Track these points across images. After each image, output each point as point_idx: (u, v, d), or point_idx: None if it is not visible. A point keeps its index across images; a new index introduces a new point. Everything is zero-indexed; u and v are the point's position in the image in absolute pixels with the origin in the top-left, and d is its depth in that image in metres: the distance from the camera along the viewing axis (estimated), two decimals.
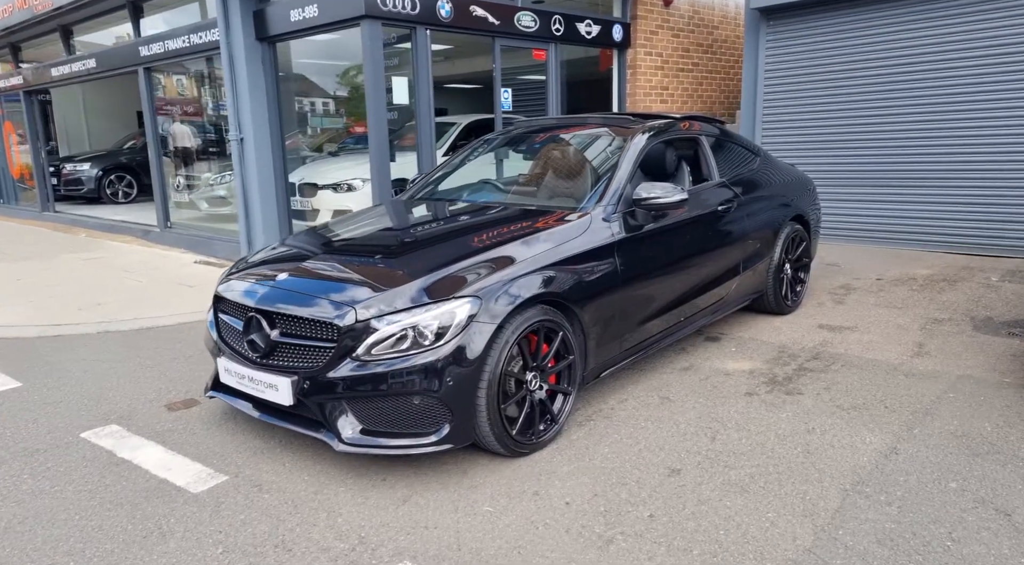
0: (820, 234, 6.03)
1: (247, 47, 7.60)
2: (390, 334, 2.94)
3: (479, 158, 4.87)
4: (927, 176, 7.54)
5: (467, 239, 3.53)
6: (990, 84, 7.05)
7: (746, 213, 4.82)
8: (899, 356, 4.51)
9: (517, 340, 3.13)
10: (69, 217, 12.88)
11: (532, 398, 3.29)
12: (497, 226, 3.73)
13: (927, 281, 6.36)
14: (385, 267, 3.33)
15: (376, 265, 3.37)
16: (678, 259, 4.20)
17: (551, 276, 3.35)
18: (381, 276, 3.20)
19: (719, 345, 4.82)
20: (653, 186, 3.90)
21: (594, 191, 3.98)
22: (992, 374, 4.17)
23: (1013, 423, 3.50)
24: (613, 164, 4.10)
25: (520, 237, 3.48)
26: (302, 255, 3.64)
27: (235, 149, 7.86)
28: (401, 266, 3.29)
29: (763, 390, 4.01)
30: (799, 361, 4.47)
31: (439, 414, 2.95)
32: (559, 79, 8.47)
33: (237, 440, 3.50)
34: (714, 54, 10.50)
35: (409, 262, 3.33)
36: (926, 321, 5.23)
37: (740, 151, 5.31)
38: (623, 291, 3.75)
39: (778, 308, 5.36)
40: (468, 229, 3.84)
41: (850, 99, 7.87)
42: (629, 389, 4.08)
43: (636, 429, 3.56)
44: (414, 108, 7.15)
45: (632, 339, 3.93)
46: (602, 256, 3.65)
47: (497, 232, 3.59)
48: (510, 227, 3.67)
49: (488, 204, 4.22)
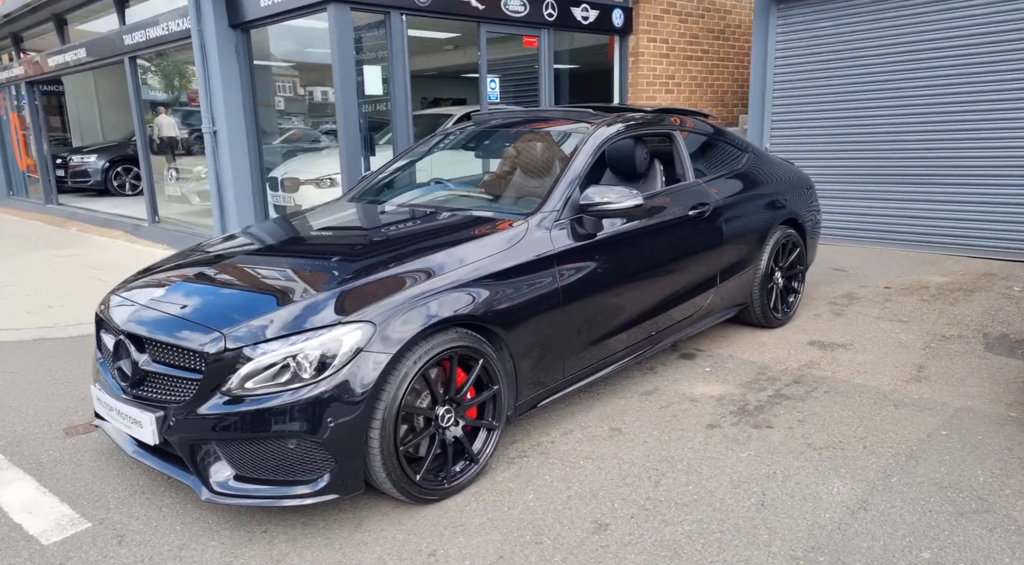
0: (819, 238, 5.48)
1: (219, 34, 7.25)
2: (267, 365, 2.54)
3: (432, 155, 4.43)
4: (950, 172, 6.92)
5: (380, 251, 3.10)
6: (1020, 72, 6.40)
7: (726, 217, 4.33)
8: (893, 381, 3.99)
9: (422, 371, 2.71)
10: (69, 210, 12.75)
11: (444, 436, 2.87)
12: (421, 236, 3.31)
13: (941, 290, 5.79)
14: (278, 283, 2.92)
15: (268, 281, 2.96)
16: (639, 271, 3.73)
17: (470, 295, 2.92)
18: (267, 295, 2.79)
19: (693, 364, 4.35)
20: (604, 190, 3.44)
21: (533, 198, 3.53)
22: (997, 406, 3.64)
23: (1011, 471, 2.99)
24: (562, 165, 3.64)
25: (441, 249, 3.05)
26: (205, 262, 3.26)
27: (208, 142, 7.53)
28: (295, 283, 2.88)
29: (728, 421, 3.54)
30: (777, 385, 3.98)
31: (319, 460, 2.54)
32: (551, 68, 7.98)
33: (122, 476, 3.13)
34: (726, 40, 9.90)
35: (307, 278, 2.92)
36: (932, 338, 4.69)
37: (724, 148, 4.80)
38: (566, 310, 3.31)
39: (765, 321, 4.85)
40: (386, 239, 3.41)
41: (867, 89, 7.26)
42: (579, 418, 3.64)
43: (573, 469, 3.12)
44: (389, 99, 6.73)
45: (579, 363, 3.48)
46: (538, 270, 3.21)
47: (418, 243, 3.16)
48: (435, 237, 3.24)
49: (423, 209, 3.78)
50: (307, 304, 2.67)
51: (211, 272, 3.13)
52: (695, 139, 4.61)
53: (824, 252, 7.25)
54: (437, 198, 3.95)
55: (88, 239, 9.85)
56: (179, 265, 3.31)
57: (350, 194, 4.29)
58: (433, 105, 14.23)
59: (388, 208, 3.90)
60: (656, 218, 3.87)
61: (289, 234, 3.64)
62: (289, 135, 9.60)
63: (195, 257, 3.41)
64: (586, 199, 3.43)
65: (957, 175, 6.87)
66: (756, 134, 8.06)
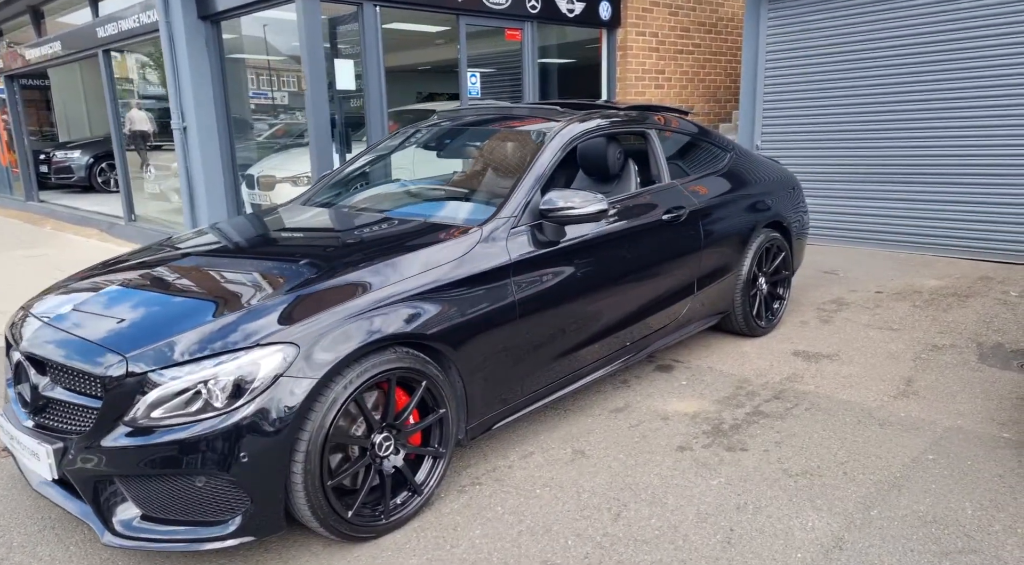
0: (806, 241, 5.23)
1: (187, 26, 6.98)
2: (176, 391, 2.29)
3: (392, 155, 4.17)
4: (946, 170, 6.65)
5: (315, 263, 2.85)
6: (1020, 67, 6.13)
7: (704, 220, 4.07)
8: (879, 396, 3.74)
9: (355, 396, 2.46)
10: (48, 207, 12.48)
11: (382, 467, 2.62)
12: (363, 246, 3.05)
13: (934, 295, 5.53)
14: (195, 298, 2.66)
15: (187, 295, 2.70)
16: (607, 280, 3.48)
17: (412, 311, 2.67)
18: (183, 311, 2.54)
19: (669, 377, 4.10)
20: (567, 194, 3.19)
21: (491, 202, 3.28)
22: (989, 425, 3.39)
23: (1002, 503, 2.74)
24: (523, 167, 3.38)
25: (382, 260, 2.79)
26: (124, 270, 3.01)
27: (178, 138, 7.27)
28: (215, 298, 2.63)
29: (700, 443, 3.29)
30: (756, 401, 3.73)
31: (232, 499, 2.30)
32: (535, 63, 7.71)
33: (35, 508, 2.89)
34: (718, 34, 9.61)
35: (229, 293, 2.67)
36: (923, 348, 4.43)
37: (705, 147, 4.54)
38: (523, 324, 3.06)
39: (748, 330, 4.60)
40: (325, 249, 3.13)
41: (861, 85, 6.98)
42: (541, 438, 3.39)
43: (528, 499, 2.87)
44: (363, 94, 6.47)
45: (540, 380, 3.23)
46: (491, 282, 2.96)
47: (359, 254, 2.91)
48: (379, 247, 2.99)
49: (373, 215, 3.52)
50: (224, 323, 2.41)
51: (132, 281, 2.88)
52: (673, 138, 4.35)
53: (815, 254, 7.00)
54: (390, 202, 3.69)
55: (61, 238, 9.60)
56: (103, 271, 3.06)
57: (303, 196, 4.03)
58: (428, 100, 13.95)
59: (336, 213, 3.64)
60: (626, 223, 3.62)
61: (227, 241, 3.38)
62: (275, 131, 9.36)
63: (116, 265, 3.16)
64: (547, 204, 3.18)
65: (953, 173, 6.61)
66: (747, 131, 7.80)
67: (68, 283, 3.04)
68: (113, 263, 3.27)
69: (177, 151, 7.33)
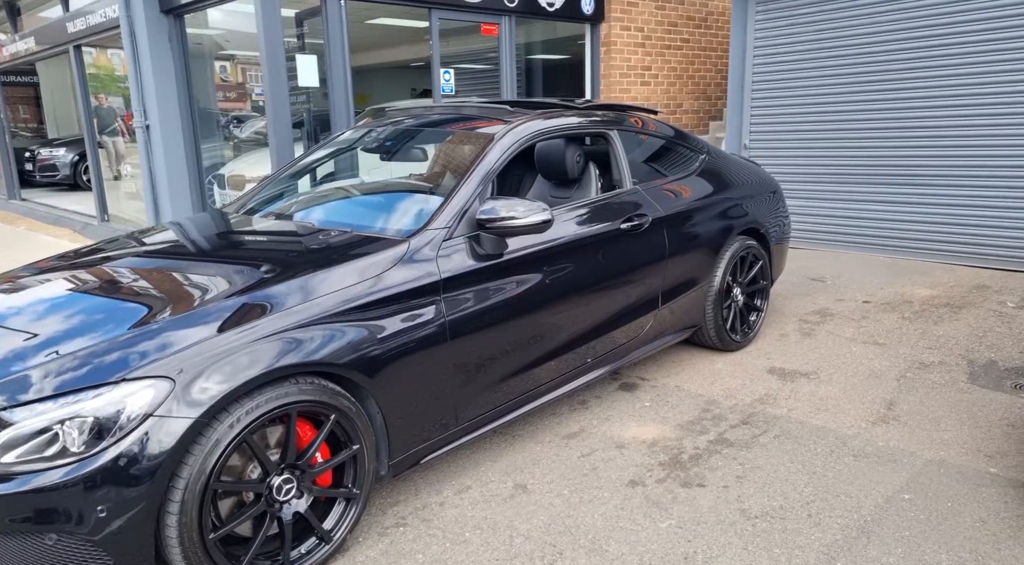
0: (787, 248, 4.91)
1: (149, 20, 6.70)
2: (32, 431, 2.00)
3: (330, 159, 3.87)
4: (942, 172, 6.32)
5: (213, 281, 2.56)
6: (1020, 63, 5.80)
7: (670, 228, 3.77)
8: (856, 422, 3.44)
9: (245, 435, 2.17)
10: (28, 206, 12.24)
11: (280, 514, 2.33)
12: (273, 261, 2.75)
13: (925, 305, 5.21)
14: (75, 321, 2.37)
15: (68, 318, 2.41)
16: (554, 297, 3.18)
17: (321, 336, 2.38)
18: (54, 335, 2.25)
19: (632, 397, 3.80)
20: (509, 204, 2.89)
21: (423, 212, 2.98)
22: (974, 457, 3.08)
23: (983, 555, 2.43)
24: (462, 173, 3.08)
25: (288, 278, 2.50)
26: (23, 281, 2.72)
27: (140, 137, 6.99)
28: (95, 321, 2.33)
29: (655, 477, 2.99)
30: (722, 427, 3.42)
31: (89, 559, 2.01)
32: (513, 59, 7.40)
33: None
34: (708, 28, 9.29)
35: (109, 315, 2.37)
36: (909, 365, 4.12)
37: (673, 149, 4.23)
38: (455, 347, 2.77)
39: (722, 344, 4.30)
40: (230, 264, 2.79)
41: (853, 83, 6.65)
42: (482, 469, 3.10)
43: (455, 544, 2.58)
44: (328, 92, 6.17)
45: (480, 405, 2.94)
46: (417, 302, 2.66)
47: (264, 270, 2.62)
48: (291, 262, 2.70)
49: (295, 225, 3.21)
50: (91, 350, 2.13)
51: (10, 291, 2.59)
52: (638, 139, 4.04)
53: (803, 259, 6.69)
54: (317, 211, 3.39)
55: (33, 239, 9.34)
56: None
57: (239, 201, 3.74)
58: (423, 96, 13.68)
59: (254, 223, 3.33)
60: (578, 233, 3.31)
61: (130, 254, 3.07)
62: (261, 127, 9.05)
63: (21, 275, 2.88)
64: (484, 214, 2.89)
65: (950, 176, 6.28)
66: (735, 130, 7.48)
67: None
68: (23, 271, 2.98)
69: (140, 150, 7.06)
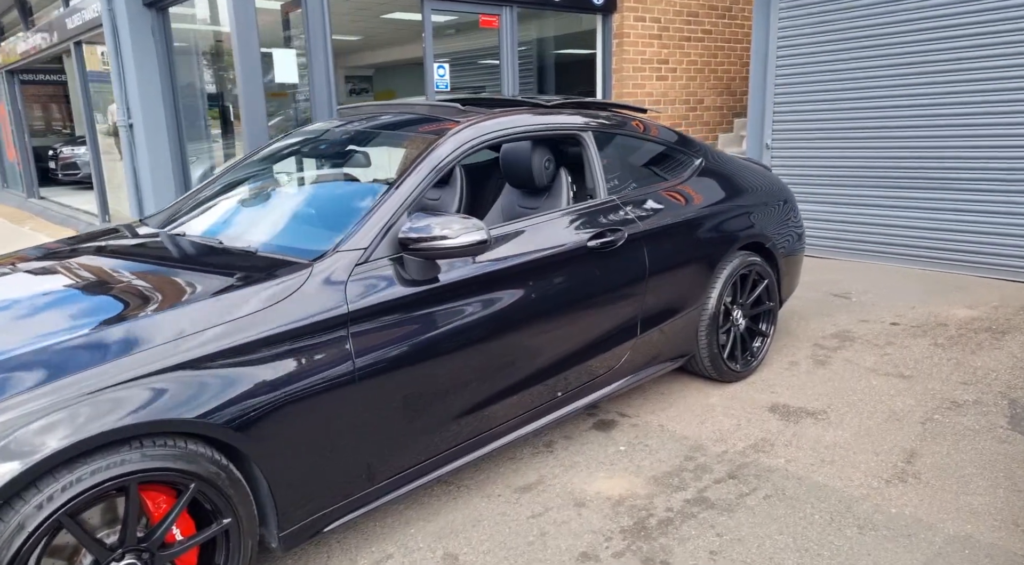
0: (800, 263, 4.34)
1: (131, 14, 6.39)
2: None
3: (268, 164, 3.43)
4: (987, 176, 5.64)
5: (54, 316, 2.13)
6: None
7: (650, 245, 3.26)
8: (867, 479, 2.89)
9: (61, 516, 1.74)
10: (43, 205, 12.19)
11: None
12: (142, 291, 2.32)
13: (963, 329, 4.59)
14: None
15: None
16: (503, 327, 2.70)
17: (176, 388, 1.94)
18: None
19: (605, 439, 3.30)
20: (439, 221, 2.42)
21: (337, 229, 2.53)
22: (1011, 534, 2.51)
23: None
24: (388, 185, 2.62)
25: (151, 314, 2.07)
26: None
27: (124, 136, 6.69)
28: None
29: (612, 549, 2.49)
30: (704, 482, 2.90)
31: None
32: (515, 53, 6.91)
33: None
34: (733, 18, 8.66)
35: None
36: (938, 405, 3.54)
37: (663, 153, 3.71)
38: (367, 391, 2.31)
39: (718, 375, 3.77)
40: (90, 293, 2.32)
41: (887, 76, 6.01)
42: (412, 531, 2.64)
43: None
44: (309, 89, 5.77)
45: (402, 459, 2.48)
46: (315, 339, 2.21)
47: (127, 302, 2.19)
48: (166, 292, 2.26)
49: (198, 242, 2.76)
50: None
51: None
52: (620, 142, 3.53)
53: (828, 271, 6.08)
54: (229, 225, 2.95)
55: (34, 239, 9.17)
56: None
57: (160, 216, 3.32)
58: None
59: (147, 241, 2.87)
60: (533, 253, 2.83)
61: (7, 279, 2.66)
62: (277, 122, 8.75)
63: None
64: (407, 233, 2.42)
65: (995, 179, 5.60)
66: (756, 129, 6.88)
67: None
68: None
69: (123, 150, 6.76)
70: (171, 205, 3.38)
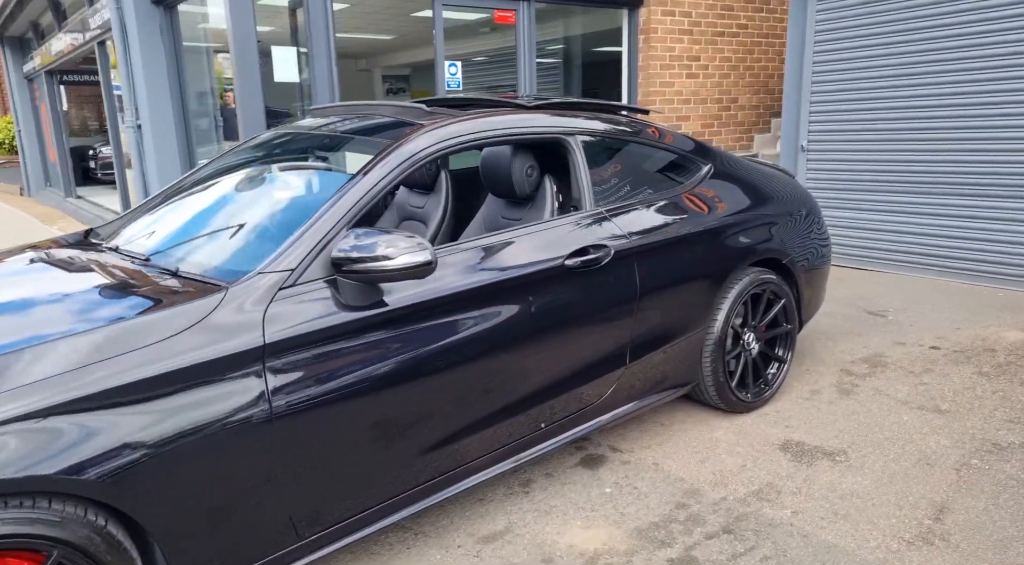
0: (824, 280, 3.91)
1: (139, 13, 6.25)
2: None
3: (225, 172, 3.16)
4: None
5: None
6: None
7: (642, 262, 2.90)
8: (886, 540, 2.48)
9: None
10: (78, 204, 12.30)
11: None
12: (53, 313, 2.07)
13: (1012, 355, 4.09)
14: None
15: None
16: (465, 355, 2.39)
17: (38, 439, 1.67)
18: None
19: (591, 477, 2.95)
20: (379, 240, 2.12)
21: (264, 246, 2.24)
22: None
23: None
24: (327, 197, 2.33)
25: (34, 340, 1.81)
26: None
27: (132, 137, 6.57)
28: None
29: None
30: (695, 537, 2.54)
31: None
32: (533, 50, 6.58)
33: None
34: (771, 12, 8.17)
35: None
36: (977, 447, 3.10)
37: (666, 158, 3.34)
38: (285, 434, 2.02)
39: (726, 405, 3.39)
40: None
41: (932, 73, 5.49)
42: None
43: None
44: (310, 87, 5.54)
45: (338, 508, 2.19)
46: (222, 375, 1.92)
47: (14, 324, 1.94)
48: (68, 315, 2.01)
49: (130, 257, 2.50)
50: None
51: None
52: (616, 147, 3.18)
53: (865, 284, 5.59)
54: (160, 239, 2.67)
55: None
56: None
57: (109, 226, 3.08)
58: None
59: (86, 255, 2.61)
60: (499, 273, 2.50)
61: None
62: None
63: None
64: (341, 252, 2.12)
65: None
66: (791, 131, 6.41)
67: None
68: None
69: (132, 151, 6.64)
70: (125, 214, 3.15)
